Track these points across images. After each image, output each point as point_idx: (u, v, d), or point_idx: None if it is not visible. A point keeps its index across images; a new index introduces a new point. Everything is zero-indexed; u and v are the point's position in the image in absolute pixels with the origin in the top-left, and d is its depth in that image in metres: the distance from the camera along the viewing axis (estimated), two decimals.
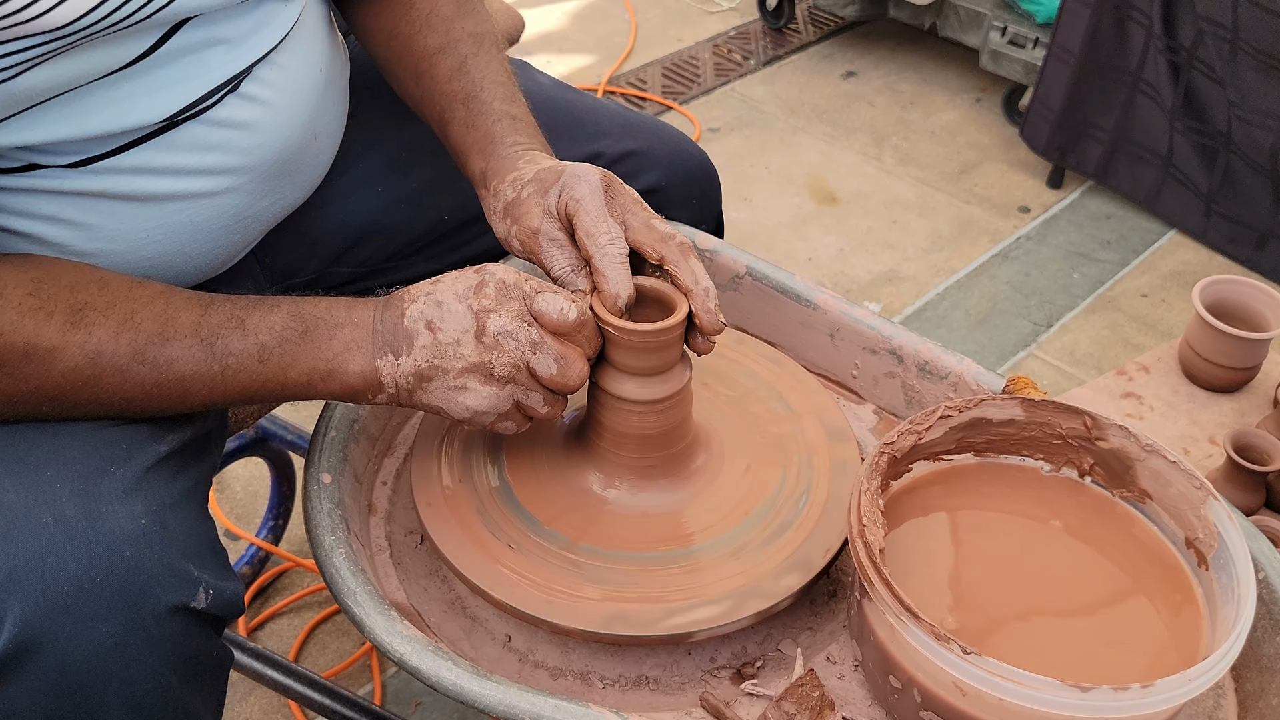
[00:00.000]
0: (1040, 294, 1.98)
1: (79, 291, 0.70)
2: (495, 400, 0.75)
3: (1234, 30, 1.82)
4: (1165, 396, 1.37)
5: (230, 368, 0.72)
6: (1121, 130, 2.09)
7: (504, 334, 0.73)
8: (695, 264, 0.77)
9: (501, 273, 0.74)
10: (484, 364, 0.73)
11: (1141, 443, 0.79)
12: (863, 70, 2.60)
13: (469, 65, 0.89)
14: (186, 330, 0.72)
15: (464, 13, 0.92)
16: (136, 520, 0.66)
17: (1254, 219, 1.97)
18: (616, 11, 2.81)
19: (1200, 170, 2.01)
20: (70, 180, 0.74)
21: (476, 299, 0.73)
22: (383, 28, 0.93)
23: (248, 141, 0.81)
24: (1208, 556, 0.76)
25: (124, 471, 0.68)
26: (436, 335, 0.73)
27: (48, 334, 0.68)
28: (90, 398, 0.70)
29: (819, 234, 2.11)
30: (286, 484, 1.45)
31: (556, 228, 0.79)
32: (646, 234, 0.78)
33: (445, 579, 0.86)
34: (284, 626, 1.42)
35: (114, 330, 0.70)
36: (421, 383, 0.75)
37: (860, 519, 0.72)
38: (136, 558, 0.65)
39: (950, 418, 0.81)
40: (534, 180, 0.80)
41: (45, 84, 0.68)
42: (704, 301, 0.77)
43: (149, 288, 0.73)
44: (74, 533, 0.64)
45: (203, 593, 0.68)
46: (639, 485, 0.83)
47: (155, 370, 0.71)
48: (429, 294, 0.74)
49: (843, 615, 0.84)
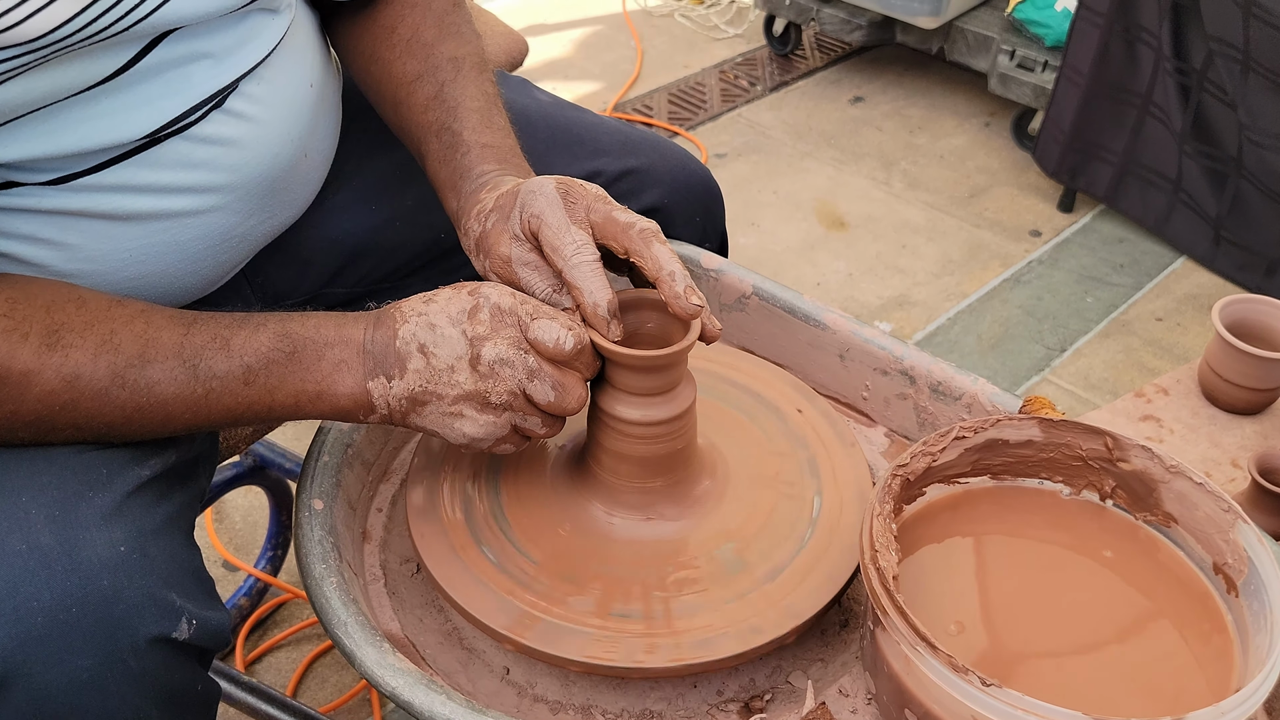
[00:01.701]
0: (1053, 318, 1.96)
1: (55, 311, 0.68)
2: (492, 428, 0.72)
3: (1245, 51, 1.80)
4: (1185, 419, 1.34)
5: (214, 390, 0.70)
6: (1131, 153, 2.07)
7: (500, 362, 0.70)
8: (659, 249, 0.73)
9: (496, 296, 0.71)
10: (480, 392, 0.71)
11: (1166, 464, 0.76)
12: (870, 95, 2.58)
13: (445, 92, 0.86)
14: (168, 352, 0.69)
15: (445, 36, 0.89)
16: (115, 548, 0.63)
17: (1263, 245, 1.94)
18: (622, 39, 2.81)
19: (1209, 195, 1.98)
20: (49, 198, 0.72)
21: (471, 324, 0.71)
22: (364, 52, 0.91)
23: (234, 159, 0.79)
24: (1238, 583, 0.73)
25: (103, 497, 0.65)
26: (430, 360, 0.71)
27: (22, 357, 0.65)
28: (68, 422, 0.67)
29: (828, 259, 2.09)
30: (285, 513, 1.43)
31: (527, 249, 0.75)
32: (610, 228, 0.74)
33: (441, 609, 0.83)
34: (282, 660, 1.39)
35: (92, 352, 0.67)
36: (415, 406, 0.72)
37: (873, 545, 0.69)
38: (114, 587, 0.62)
39: (965, 438, 0.78)
40: (495, 209, 0.77)
41: (19, 99, 0.66)
42: (671, 286, 0.72)
43: (129, 306, 0.70)
44: (49, 561, 0.61)
45: (185, 623, 0.65)
46: (646, 511, 0.80)
47: (136, 394, 0.68)
48: (421, 314, 0.72)
49: (855, 646, 0.81)
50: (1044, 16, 2.22)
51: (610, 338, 0.73)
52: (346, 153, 0.95)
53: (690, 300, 0.72)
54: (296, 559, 0.77)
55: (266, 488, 1.40)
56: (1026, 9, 2.25)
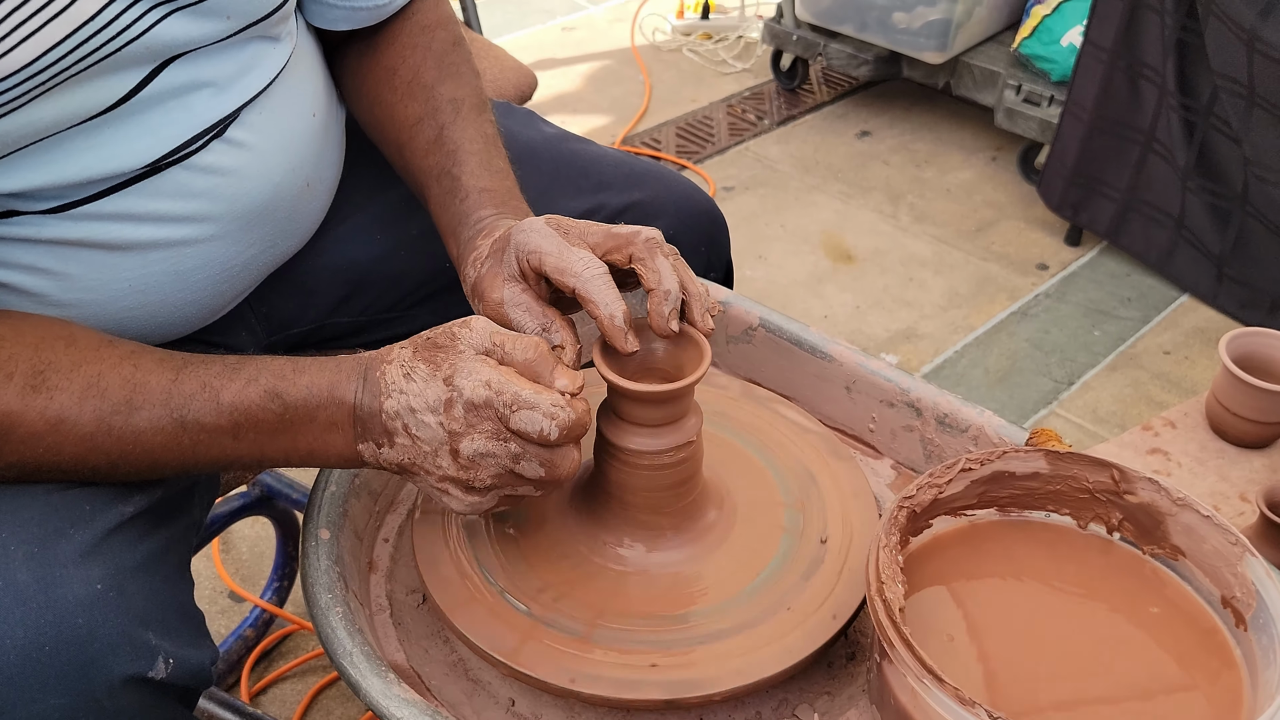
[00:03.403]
0: (1061, 351, 1.95)
1: (44, 350, 0.67)
2: (480, 505, 0.71)
3: (1249, 86, 1.81)
4: (1193, 452, 1.34)
5: (202, 443, 0.69)
6: (1134, 189, 2.07)
7: (480, 455, 0.68)
8: (663, 261, 0.73)
9: (469, 390, 0.66)
10: (463, 480, 0.69)
11: (1173, 496, 0.76)
12: (877, 130, 2.59)
13: (445, 135, 0.86)
14: (156, 399, 0.68)
15: (445, 77, 0.90)
16: (92, 585, 0.63)
17: (1267, 283, 1.93)
18: (630, 73, 2.83)
19: (1212, 232, 1.98)
20: (49, 227, 0.72)
21: (447, 418, 0.67)
22: (368, 94, 0.92)
23: (233, 188, 0.79)
24: (1246, 616, 0.72)
25: (83, 534, 0.65)
26: (415, 441, 0.69)
27: (5, 398, 0.65)
28: (51, 465, 0.67)
29: (835, 292, 2.09)
30: (292, 544, 1.42)
31: (519, 290, 0.74)
32: (612, 241, 0.74)
33: (447, 640, 0.83)
34: (287, 691, 1.38)
35: (78, 395, 0.66)
36: (405, 472, 0.71)
37: (879, 576, 0.69)
38: (89, 625, 0.62)
39: (971, 470, 0.78)
40: (489, 255, 0.77)
41: (23, 129, 0.66)
42: (660, 305, 0.72)
43: (119, 347, 0.70)
44: (25, 598, 0.60)
45: (162, 662, 0.65)
46: (654, 542, 0.80)
47: (121, 441, 0.67)
48: (402, 393, 0.68)
49: (862, 679, 0.80)
50: (1050, 52, 2.23)
51: (628, 349, 0.72)
52: (353, 183, 0.96)
53: (669, 325, 0.73)
54: (303, 589, 0.77)
55: (273, 518, 1.39)
56: (1033, 44, 2.27)
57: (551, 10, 3.18)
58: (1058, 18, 2.22)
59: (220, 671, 1.36)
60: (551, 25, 3.10)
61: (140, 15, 0.69)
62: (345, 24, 0.91)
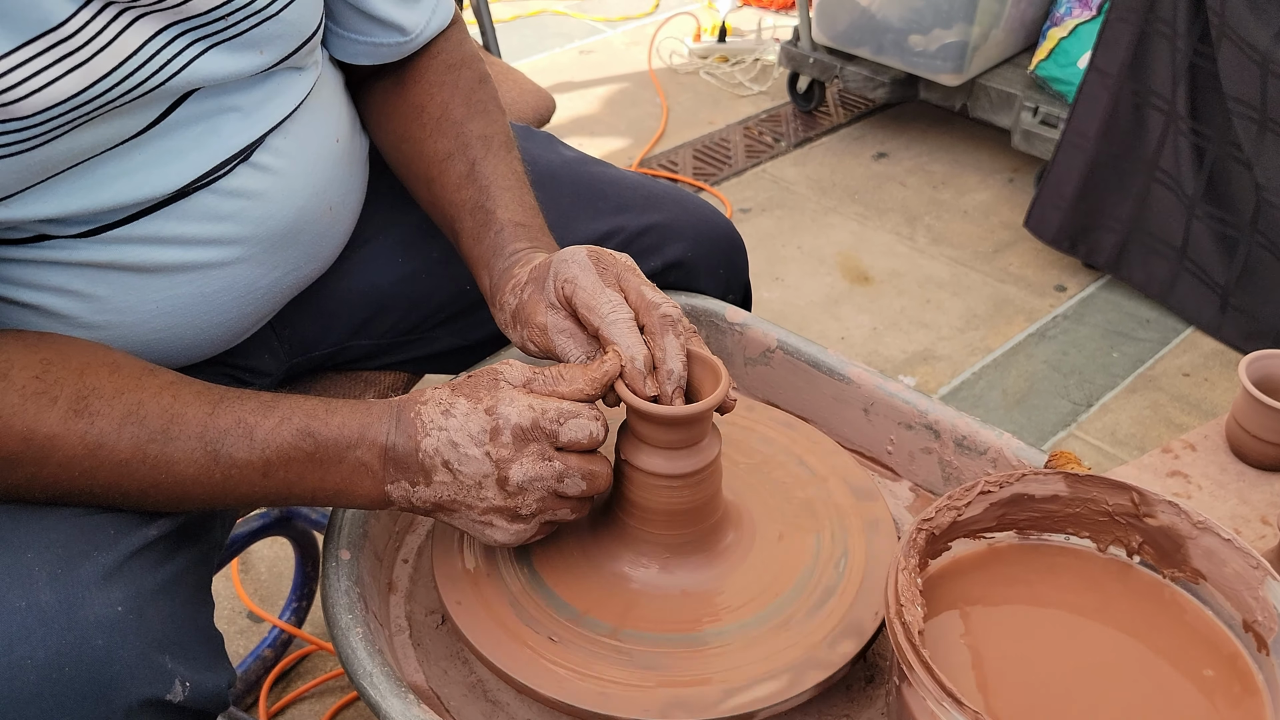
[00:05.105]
0: (1079, 373, 1.95)
1: (88, 375, 0.68)
2: (524, 533, 0.74)
3: (1263, 110, 1.80)
4: (1213, 475, 1.33)
5: (233, 478, 0.70)
6: (1136, 220, 2.04)
7: (529, 480, 0.70)
8: (671, 340, 0.75)
9: (515, 415, 0.69)
10: (510, 508, 0.71)
11: (1193, 519, 0.75)
12: (894, 151, 2.60)
13: (477, 171, 0.88)
14: (192, 431, 0.69)
15: (474, 114, 0.91)
16: (113, 608, 0.63)
17: (1273, 314, 1.90)
18: (648, 96, 2.85)
19: (1218, 262, 1.95)
20: (80, 251, 0.74)
21: (494, 446, 0.70)
22: (394, 131, 0.93)
23: (259, 211, 0.80)
24: (1268, 640, 0.72)
25: (107, 556, 0.66)
26: (457, 476, 0.70)
27: (49, 421, 0.66)
28: (85, 489, 0.68)
29: (852, 313, 2.09)
30: (311, 564, 1.43)
31: (562, 317, 0.77)
32: (638, 301, 0.76)
33: (466, 661, 0.83)
34: (305, 712, 1.38)
35: (118, 421, 0.67)
36: (441, 510, 0.73)
37: (898, 599, 0.69)
38: (108, 648, 0.62)
39: (991, 493, 0.78)
40: (530, 281, 0.79)
41: (63, 155, 0.68)
42: (662, 385, 0.74)
43: (160, 377, 0.71)
44: (47, 619, 0.61)
45: (179, 686, 0.65)
46: (672, 563, 0.80)
47: (155, 470, 0.68)
48: (442, 429, 0.70)
49: (881, 702, 0.80)
50: (1066, 74, 2.23)
51: (646, 394, 0.74)
52: (375, 208, 0.97)
53: (670, 402, 0.74)
54: (323, 609, 0.77)
55: (292, 538, 1.40)
56: (1049, 66, 2.27)
57: (569, 34, 3.20)
58: (1074, 40, 2.23)
59: (239, 692, 1.36)
60: (569, 48, 3.12)
61: (180, 51, 0.71)
62: (368, 59, 0.92)
